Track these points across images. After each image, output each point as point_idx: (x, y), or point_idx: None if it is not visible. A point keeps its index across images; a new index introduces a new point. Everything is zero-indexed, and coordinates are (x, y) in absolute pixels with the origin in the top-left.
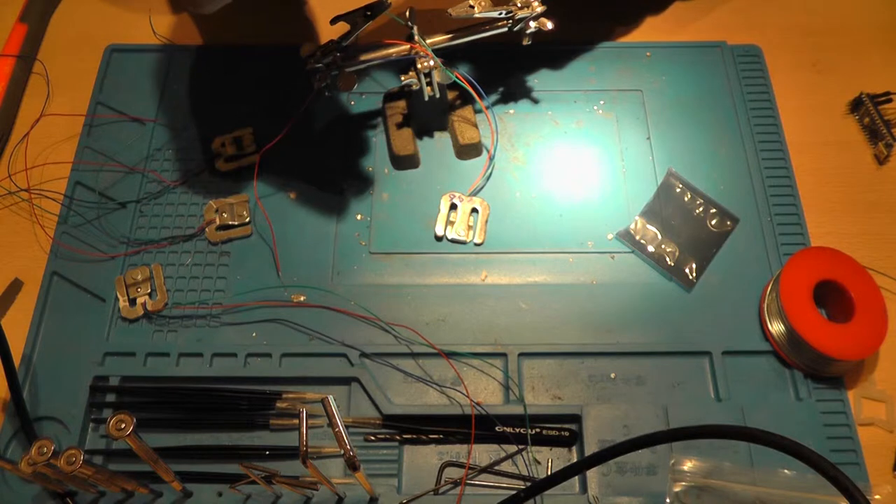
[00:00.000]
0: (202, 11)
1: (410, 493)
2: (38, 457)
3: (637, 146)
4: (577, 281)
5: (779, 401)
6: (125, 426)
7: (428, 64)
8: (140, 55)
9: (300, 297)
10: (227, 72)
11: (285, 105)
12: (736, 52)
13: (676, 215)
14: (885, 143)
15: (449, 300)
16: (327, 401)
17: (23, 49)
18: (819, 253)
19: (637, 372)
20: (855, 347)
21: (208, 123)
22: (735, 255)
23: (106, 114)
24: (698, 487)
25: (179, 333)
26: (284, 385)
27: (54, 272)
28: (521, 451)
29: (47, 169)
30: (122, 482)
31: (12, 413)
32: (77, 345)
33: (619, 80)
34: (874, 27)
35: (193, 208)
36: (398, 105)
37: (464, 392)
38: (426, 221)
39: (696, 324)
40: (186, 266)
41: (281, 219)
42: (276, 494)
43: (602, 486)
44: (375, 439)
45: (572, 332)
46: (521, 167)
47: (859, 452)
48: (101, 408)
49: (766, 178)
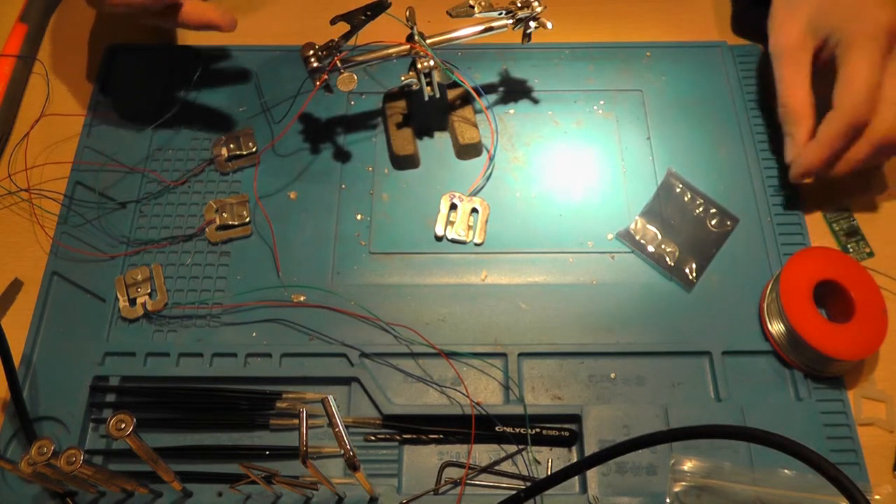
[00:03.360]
0: (100, 10)
1: (410, 493)
2: (38, 457)
3: (637, 146)
4: (577, 281)
5: (779, 401)
6: (125, 426)
7: (428, 64)
8: (140, 55)
9: (300, 297)
10: (227, 72)
11: (285, 105)
12: (736, 52)
13: (676, 215)
14: None
15: (449, 300)
16: (327, 401)
17: (23, 49)
18: (819, 253)
19: (637, 372)
20: (855, 347)
21: (208, 123)
22: (735, 255)
23: (106, 114)
24: (698, 487)
25: (179, 333)
26: (284, 385)
27: (54, 272)
28: (521, 451)
29: (47, 169)
30: (122, 482)
31: (12, 413)
32: (77, 345)
33: (619, 80)
34: None
35: (193, 208)
36: (398, 105)
37: (464, 392)
38: (426, 221)
39: (696, 324)
40: (186, 266)
41: (281, 219)
42: (276, 494)
43: (602, 486)
44: (375, 439)
45: (572, 332)
46: (521, 167)
47: (859, 452)
48: (101, 408)
49: (766, 178)
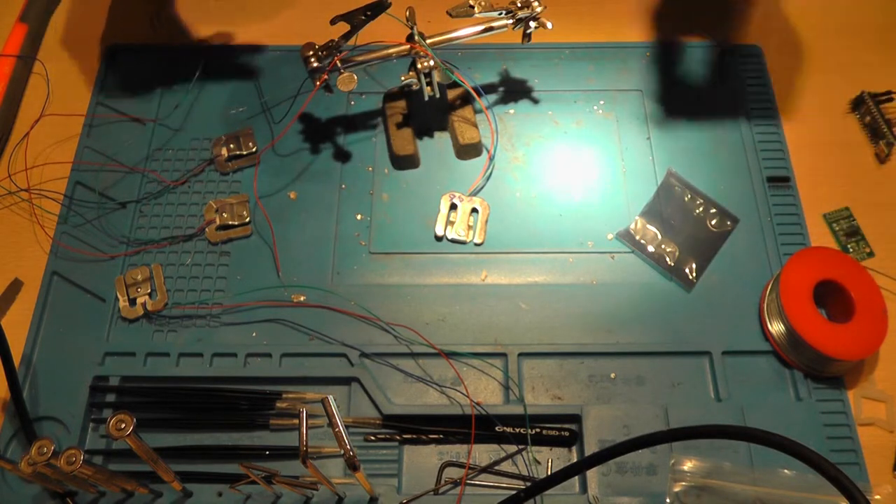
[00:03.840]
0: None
1: (410, 493)
2: (38, 457)
3: (637, 146)
4: (577, 281)
5: (779, 401)
6: (125, 426)
7: (428, 64)
8: (140, 55)
9: (300, 297)
10: (227, 72)
11: (285, 105)
12: (736, 52)
13: (676, 215)
14: (886, 142)
15: (449, 300)
16: (327, 401)
17: (23, 49)
18: (819, 253)
19: (637, 372)
20: (855, 347)
21: (208, 123)
22: (735, 255)
23: (106, 114)
24: (698, 487)
25: (179, 333)
26: (284, 385)
27: (54, 272)
28: (521, 451)
29: (47, 169)
30: (122, 482)
31: (12, 413)
32: (77, 345)
33: (619, 80)
34: (874, 27)
35: (193, 208)
36: (398, 105)
37: (464, 392)
38: (426, 221)
39: (696, 324)
40: (186, 266)
41: (281, 219)
42: (276, 494)
43: (602, 486)
44: (375, 439)
45: (572, 332)
46: (521, 167)
47: (859, 452)
48: (101, 408)
49: (766, 179)
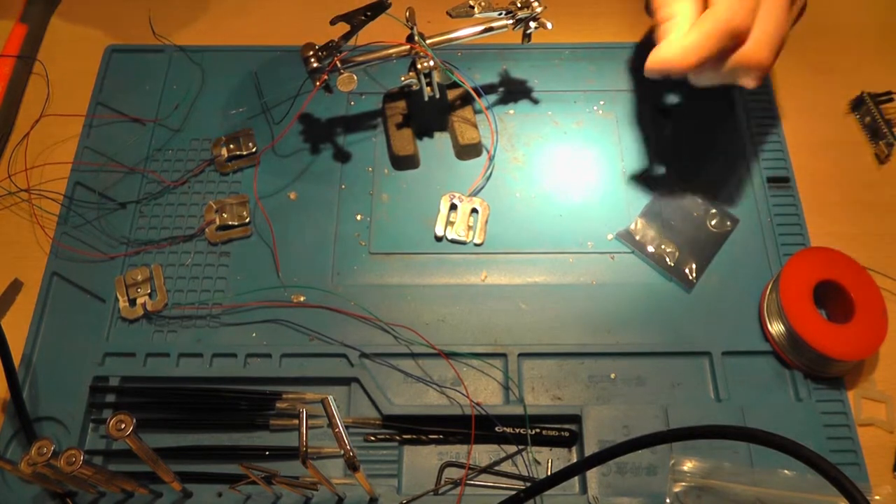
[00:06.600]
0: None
1: (410, 494)
2: (37, 457)
3: (637, 146)
4: (576, 281)
5: (779, 401)
6: (125, 426)
7: (428, 64)
8: (140, 55)
9: (300, 298)
10: (227, 72)
11: (285, 105)
12: None
13: (676, 216)
14: (886, 143)
15: (449, 300)
16: (327, 401)
17: (23, 49)
18: (819, 253)
19: (637, 372)
20: (855, 348)
21: (208, 123)
22: (735, 256)
23: (106, 114)
24: (698, 488)
25: (179, 334)
26: (284, 385)
27: (54, 272)
28: (521, 452)
29: (47, 169)
30: (121, 482)
31: (12, 413)
32: (77, 345)
33: (619, 80)
34: (874, 27)
35: (193, 208)
36: (398, 105)
37: (464, 392)
38: (426, 221)
39: (696, 324)
40: (186, 266)
41: (281, 219)
42: (276, 495)
43: (602, 486)
44: (375, 439)
45: (572, 333)
46: (521, 167)
47: (859, 453)
48: (101, 408)
49: (766, 179)
